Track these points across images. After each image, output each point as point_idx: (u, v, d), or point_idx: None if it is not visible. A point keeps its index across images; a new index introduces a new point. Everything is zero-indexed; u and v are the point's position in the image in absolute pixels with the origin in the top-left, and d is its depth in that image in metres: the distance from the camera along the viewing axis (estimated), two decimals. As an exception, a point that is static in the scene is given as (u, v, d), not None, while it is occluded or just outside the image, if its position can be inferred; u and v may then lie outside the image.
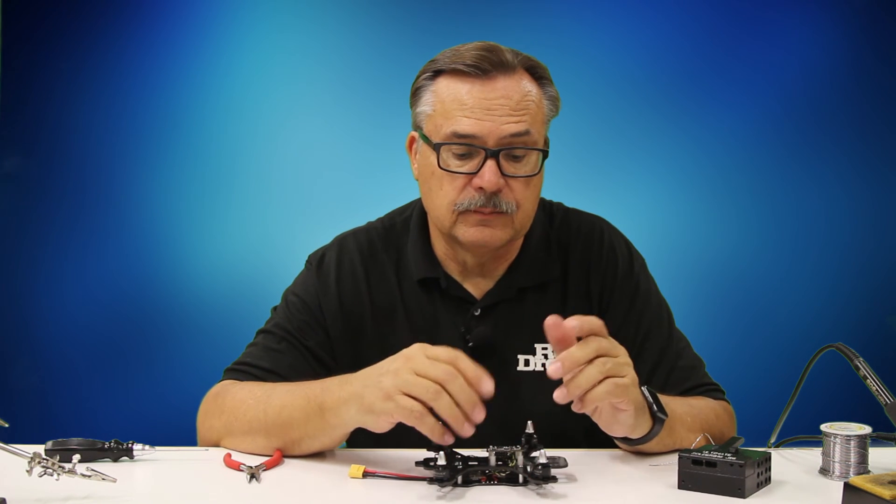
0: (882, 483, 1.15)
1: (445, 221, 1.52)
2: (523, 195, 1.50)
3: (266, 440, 1.42)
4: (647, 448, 1.39)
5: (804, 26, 3.17)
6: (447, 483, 1.25)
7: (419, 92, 1.54)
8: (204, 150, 3.18)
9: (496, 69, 1.48)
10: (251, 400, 1.45)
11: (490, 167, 1.46)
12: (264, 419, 1.42)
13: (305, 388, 1.41)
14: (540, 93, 1.52)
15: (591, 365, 1.25)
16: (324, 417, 1.36)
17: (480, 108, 1.47)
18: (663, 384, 1.55)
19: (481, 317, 1.59)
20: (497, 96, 1.47)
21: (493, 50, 1.49)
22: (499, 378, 1.54)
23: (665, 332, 1.61)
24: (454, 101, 1.48)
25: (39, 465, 1.19)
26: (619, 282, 1.61)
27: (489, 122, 1.46)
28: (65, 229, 3.17)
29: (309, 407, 1.38)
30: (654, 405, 1.35)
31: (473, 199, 1.48)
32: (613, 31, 3.16)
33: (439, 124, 1.49)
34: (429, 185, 1.54)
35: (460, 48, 1.52)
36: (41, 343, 3.16)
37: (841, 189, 3.16)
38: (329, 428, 1.37)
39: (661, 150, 3.16)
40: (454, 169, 1.49)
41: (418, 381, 1.25)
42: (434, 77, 1.52)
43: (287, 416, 1.40)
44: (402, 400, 1.25)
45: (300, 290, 1.63)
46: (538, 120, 1.51)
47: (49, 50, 3.16)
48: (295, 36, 3.19)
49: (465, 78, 1.48)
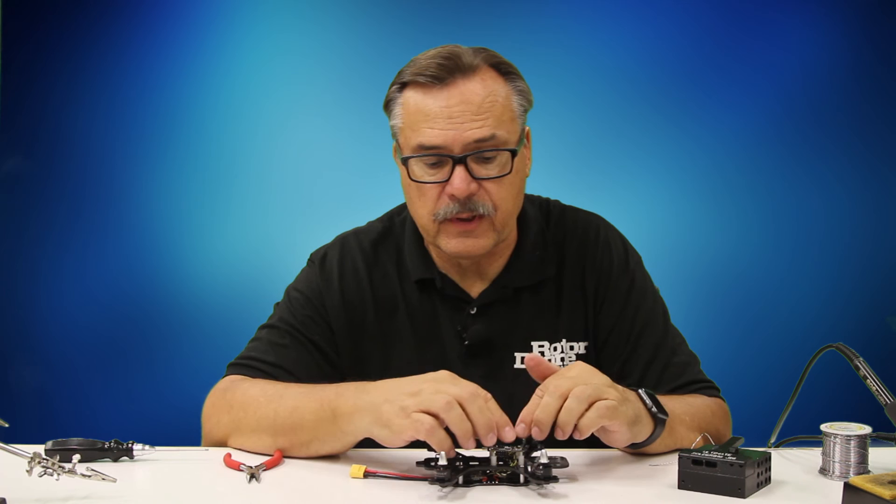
0: (882, 483, 1.15)
1: (430, 231, 1.54)
2: (499, 196, 1.50)
3: (273, 440, 1.42)
4: (648, 449, 1.39)
5: (804, 26, 3.17)
6: (448, 483, 1.24)
7: (390, 105, 1.56)
8: (204, 151, 3.18)
9: (453, 74, 1.48)
10: (263, 398, 1.45)
11: (459, 174, 1.47)
12: (274, 418, 1.42)
13: (320, 391, 1.41)
14: (507, 88, 1.52)
15: (572, 396, 1.25)
16: (336, 423, 1.36)
17: (442, 118, 1.47)
18: (657, 380, 1.56)
19: (477, 315, 1.60)
20: (457, 102, 1.47)
21: (451, 56, 1.49)
22: (496, 376, 1.55)
23: (660, 329, 1.61)
24: (418, 113, 1.49)
25: (39, 465, 1.19)
26: (614, 278, 1.61)
27: (452, 131, 1.47)
28: (65, 229, 3.17)
29: (322, 411, 1.38)
30: (653, 407, 1.35)
31: (449, 207, 1.49)
32: (613, 31, 3.16)
33: (407, 137, 1.51)
34: (409, 196, 1.56)
35: (422, 57, 1.52)
36: (41, 343, 3.16)
37: (841, 189, 3.16)
38: (340, 434, 1.37)
39: (661, 150, 3.16)
40: (426, 179, 1.50)
41: (435, 397, 1.26)
42: (401, 89, 1.53)
43: (298, 417, 1.40)
44: (417, 416, 1.25)
45: (303, 286, 1.64)
46: (505, 118, 1.50)
47: (49, 50, 3.16)
48: (295, 36, 3.19)
49: (426, 89, 1.49)
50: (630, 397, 1.32)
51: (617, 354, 1.59)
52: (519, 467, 1.28)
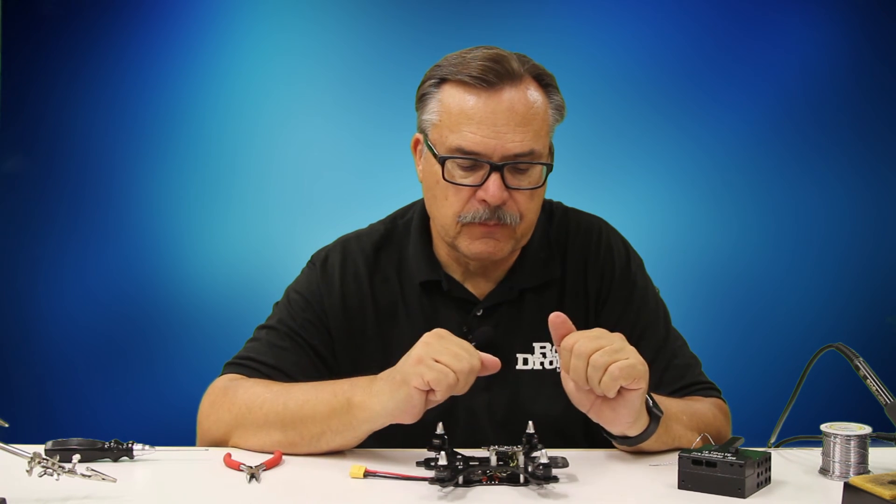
0: (882, 483, 1.15)
1: (450, 231, 1.52)
2: (526, 207, 1.50)
3: (282, 434, 1.42)
4: (644, 447, 1.39)
5: (804, 26, 3.17)
6: (448, 483, 1.24)
7: (425, 98, 1.53)
8: (204, 150, 3.18)
9: (502, 80, 1.46)
10: (268, 394, 1.45)
11: (494, 181, 1.45)
12: (283, 412, 1.42)
13: (331, 384, 1.43)
14: (546, 101, 1.51)
15: (596, 353, 1.30)
16: (351, 412, 1.38)
17: (486, 124, 1.45)
18: (658, 382, 1.55)
19: (483, 317, 1.59)
20: (503, 109, 1.45)
21: (500, 60, 1.47)
22: (499, 377, 1.54)
23: (661, 331, 1.61)
24: (460, 114, 1.47)
25: (39, 465, 1.19)
26: (616, 280, 1.61)
27: (494, 140, 1.45)
28: (65, 229, 3.17)
29: (335, 401, 1.39)
30: (649, 401, 1.36)
31: (478, 211, 1.48)
32: (614, 31, 3.16)
33: (444, 136, 1.48)
34: (433, 193, 1.53)
35: (466, 55, 1.49)
36: (41, 343, 3.16)
37: (841, 189, 3.16)
38: (356, 423, 1.38)
39: (662, 150, 3.16)
40: (459, 181, 1.48)
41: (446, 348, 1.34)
42: (439, 84, 1.50)
43: (310, 409, 1.41)
44: (433, 364, 1.32)
45: (303, 288, 1.63)
46: (543, 131, 1.49)
47: (49, 50, 3.16)
48: (295, 36, 3.19)
49: (470, 89, 1.47)
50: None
51: None
52: (519, 467, 1.28)
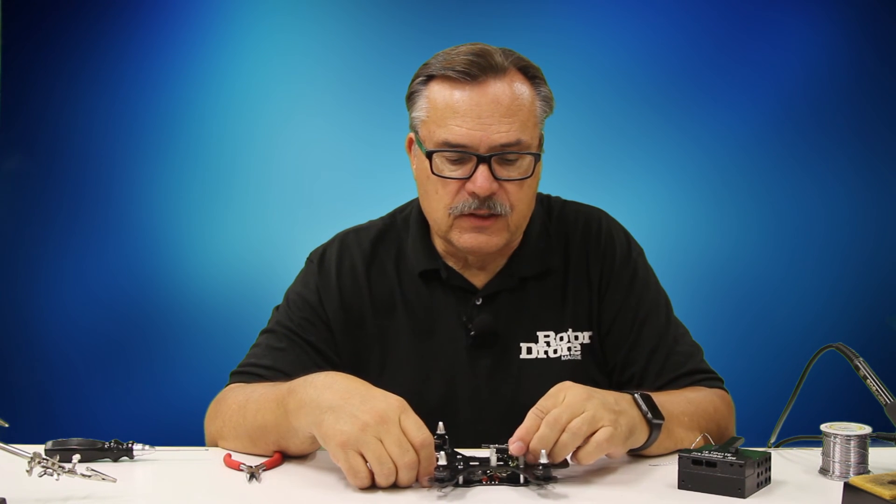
0: (882, 483, 1.15)
1: (442, 225, 1.54)
2: (517, 197, 1.51)
3: (252, 444, 1.43)
4: (645, 452, 1.39)
5: (804, 26, 3.17)
6: (448, 483, 1.24)
7: (413, 96, 1.55)
8: (204, 150, 3.18)
9: (485, 73, 1.48)
10: (235, 405, 1.47)
11: (482, 172, 1.47)
12: (244, 424, 1.43)
13: (277, 389, 1.39)
14: (532, 93, 1.52)
15: (568, 431, 1.24)
16: (287, 419, 1.33)
17: (471, 116, 1.47)
18: (660, 369, 1.56)
19: (483, 306, 1.60)
20: (487, 101, 1.47)
21: (483, 53, 1.49)
22: (501, 367, 1.55)
23: (663, 318, 1.62)
24: (446, 109, 1.49)
25: (39, 465, 1.19)
26: (617, 268, 1.62)
27: (479, 132, 1.47)
28: (65, 229, 3.17)
29: (278, 410, 1.36)
30: (648, 413, 1.34)
31: (468, 202, 1.49)
32: (613, 31, 3.16)
33: (432, 131, 1.50)
34: (425, 188, 1.55)
35: (451, 52, 1.52)
36: (41, 343, 3.16)
37: (841, 189, 3.16)
38: (293, 431, 1.33)
39: (661, 150, 3.16)
40: (447, 174, 1.50)
41: (378, 451, 1.22)
42: (427, 82, 1.53)
43: (262, 419, 1.40)
44: (353, 458, 1.22)
45: (301, 287, 1.65)
46: (530, 122, 1.51)
47: (49, 50, 3.16)
48: (295, 36, 3.19)
49: (455, 84, 1.49)
50: (624, 407, 1.31)
51: (620, 343, 1.60)
52: (519, 467, 1.28)
